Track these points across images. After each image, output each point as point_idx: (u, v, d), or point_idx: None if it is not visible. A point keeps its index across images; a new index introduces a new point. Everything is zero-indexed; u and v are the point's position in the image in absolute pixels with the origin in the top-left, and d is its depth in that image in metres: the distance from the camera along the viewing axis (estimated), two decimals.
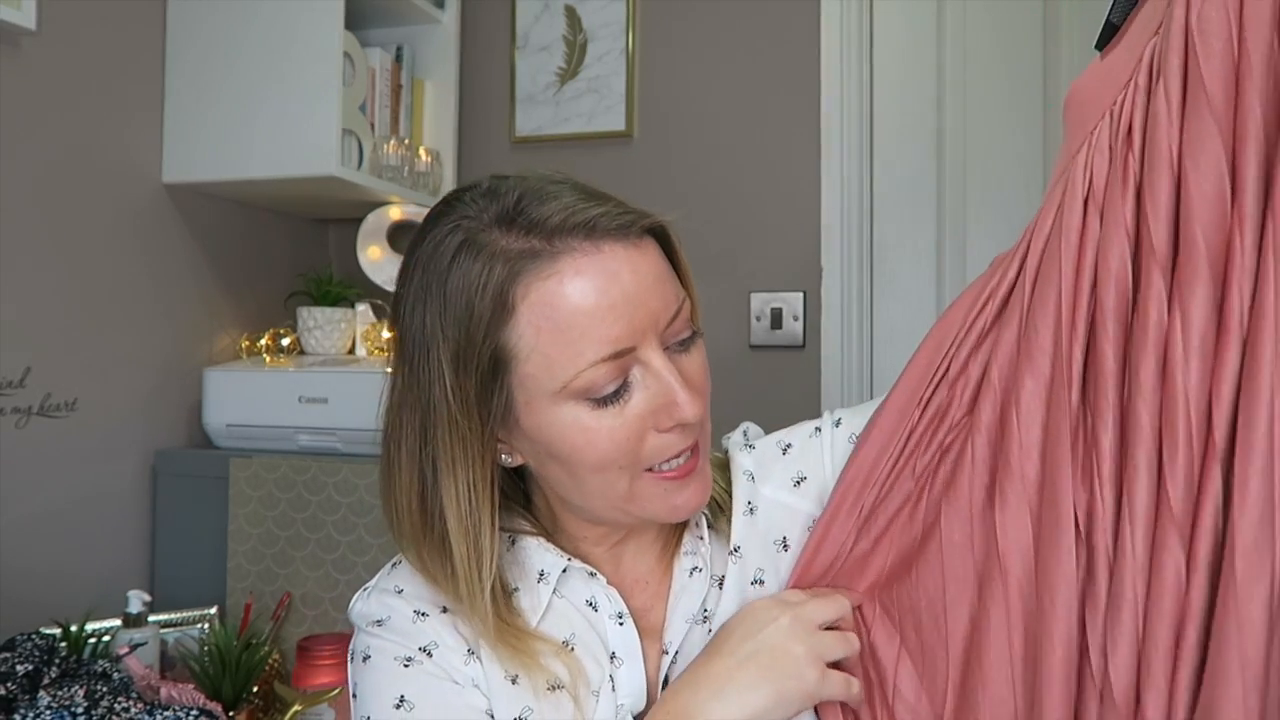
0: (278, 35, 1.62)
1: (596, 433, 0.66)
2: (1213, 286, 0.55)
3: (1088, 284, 0.61)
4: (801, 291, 1.85)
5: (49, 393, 1.46)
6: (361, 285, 1.91)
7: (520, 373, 0.66)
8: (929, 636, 0.67)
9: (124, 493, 1.60)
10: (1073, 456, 0.60)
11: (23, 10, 1.35)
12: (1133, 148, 0.60)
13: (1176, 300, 0.56)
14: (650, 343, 0.66)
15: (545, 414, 0.67)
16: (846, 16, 1.84)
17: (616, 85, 1.97)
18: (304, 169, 1.62)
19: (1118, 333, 0.59)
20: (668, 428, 0.67)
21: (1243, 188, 0.55)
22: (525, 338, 0.65)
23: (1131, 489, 0.56)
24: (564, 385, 0.65)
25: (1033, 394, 0.63)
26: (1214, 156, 0.55)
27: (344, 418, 1.58)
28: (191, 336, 1.73)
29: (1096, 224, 0.61)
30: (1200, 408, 0.54)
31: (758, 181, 1.89)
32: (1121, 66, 0.62)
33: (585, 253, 0.65)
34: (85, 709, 1.09)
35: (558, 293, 0.64)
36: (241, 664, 1.38)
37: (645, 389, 0.66)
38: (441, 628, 0.73)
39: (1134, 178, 0.59)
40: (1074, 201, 0.63)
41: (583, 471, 0.68)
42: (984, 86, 1.82)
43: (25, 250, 1.42)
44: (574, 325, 0.64)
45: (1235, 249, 0.54)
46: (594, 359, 0.64)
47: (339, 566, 1.51)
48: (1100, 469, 0.58)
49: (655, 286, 0.67)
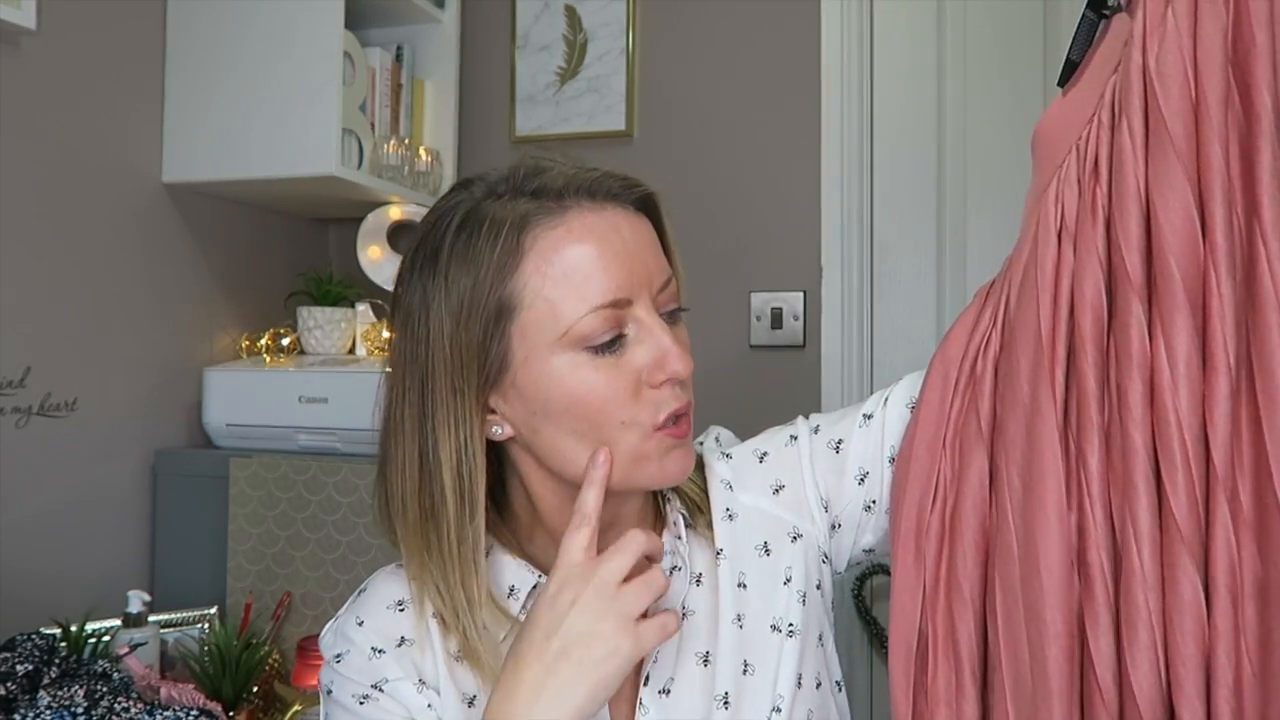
0: (278, 35, 1.62)
1: (595, 382, 0.68)
2: (1192, 316, 0.58)
3: (1065, 311, 0.63)
4: (801, 291, 1.85)
5: (49, 393, 1.46)
6: (361, 285, 1.91)
7: (523, 320, 0.68)
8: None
9: (124, 493, 1.60)
10: (1065, 476, 0.61)
11: (23, 10, 1.35)
12: (1099, 181, 0.63)
13: (1158, 328, 0.58)
14: (644, 300, 0.70)
15: (545, 365, 0.68)
16: (846, 16, 1.84)
17: (616, 85, 1.96)
18: (304, 169, 1.61)
19: (1097, 357, 0.61)
20: (660, 382, 0.69)
21: (1212, 224, 0.57)
22: (531, 284, 0.68)
23: (1133, 509, 0.58)
24: (565, 331, 0.67)
25: (1016, 424, 0.65)
26: (1181, 193, 0.58)
27: (344, 418, 1.58)
28: (191, 336, 1.73)
29: (1071, 254, 0.63)
30: (1195, 432, 0.56)
31: (758, 181, 1.89)
32: (1084, 103, 0.65)
33: (590, 209, 0.70)
34: (85, 709, 1.09)
35: (565, 239, 0.68)
36: (241, 664, 1.38)
37: (639, 343, 0.69)
38: (394, 663, 0.74)
39: (1103, 210, 0.62)
40: (1047, 234, 0.65)
41: (581, 426, 0.69)
42: (984, 86, 1.82)
43: (25, 250, 1.42)
44: (578, 270, 0.67)
45: (1211, 281, 0.57)
46: (596, 304, 0.67)
47: (339, 566, 1.51)
48: (1090, 489, 0.60)
49: (651, 249, 0.72)
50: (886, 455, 0.77)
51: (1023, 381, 0.64)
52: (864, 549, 0.81)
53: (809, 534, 0.79)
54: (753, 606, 0.76)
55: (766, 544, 0.78)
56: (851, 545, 0.80)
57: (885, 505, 0.78)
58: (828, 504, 0.79)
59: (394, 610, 0.76)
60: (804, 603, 0.77)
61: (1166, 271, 0.58)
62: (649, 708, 0.73)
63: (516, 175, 0.72)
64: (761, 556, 0.77)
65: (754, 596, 0.76)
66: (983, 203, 1.82)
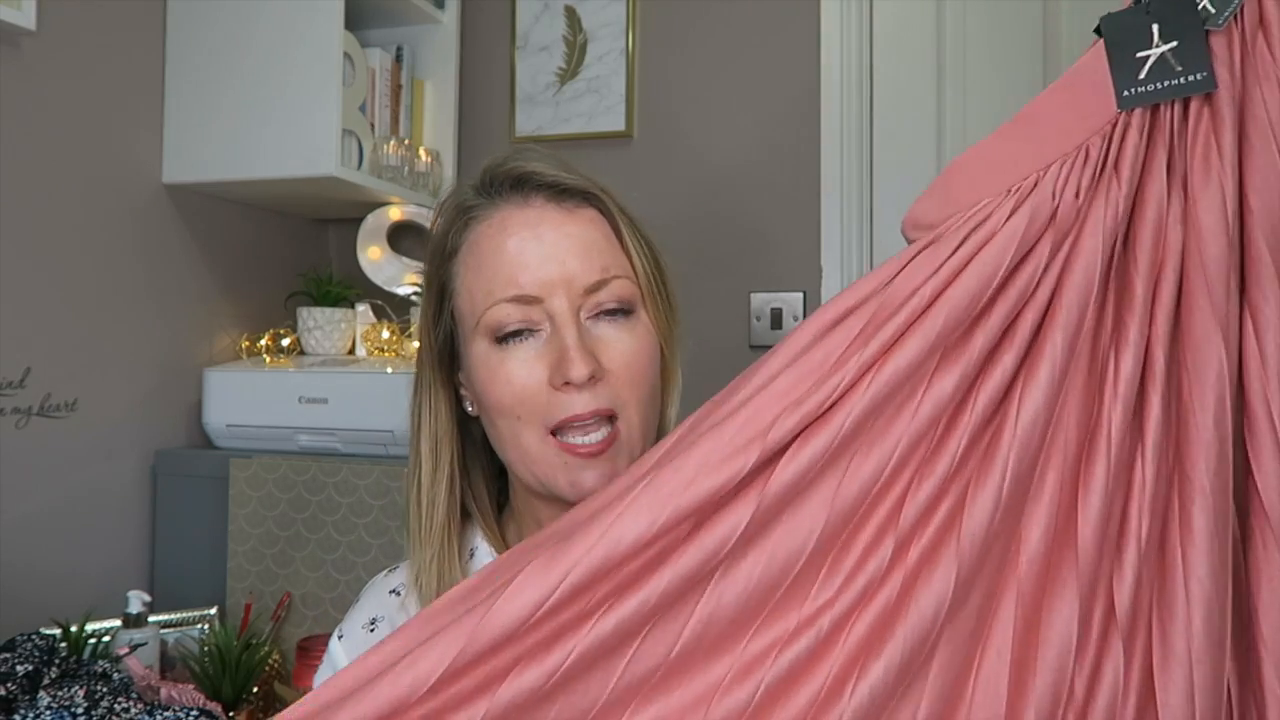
0: (278, 35, 1.62)
1: (496, 371, 0.71)
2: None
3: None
4: (801, 291, 1.85)
5: (49, 393, 1.46)
6: (361, 285, 1.90)
7: (453, 306, 0.74)
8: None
9: (124, 493, 1.60)
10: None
11: (23, 10, 1.35)
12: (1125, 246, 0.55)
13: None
14: (559, 299, 0.70)
15: (469, 351, 0.73)
16: (846, 16, 1.84)
17: (616, 85, 1.96)
18: (304, 169, 1.61)
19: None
20: (558, 385, 0.69)
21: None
22: (458, 275, 0.74)
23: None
24: (478, 321, 0.71)
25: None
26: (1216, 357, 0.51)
27: (344, 418, 1.58)
28: (191, 336, 1.73)
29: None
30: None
31: (758, 181, 1.89)
32: (1028, 157, 0.56)
33: (515, 205, 0.72)
34: (85, 709, 1.09)
35: (485, 235, 0.72)
36: (241, 664, 1.38)
37: (545, 342, 0.71)
38: None
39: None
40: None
41: (492, 414, 0.72)
42: (984, 86, 1.82)
43: (25, 250, 1.42)
44: (489, 265, 0.71)
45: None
46: (500, 298, 0.70)
47: (339, 567, 1.51)
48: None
49: (578, 249, 0.71)
50: None
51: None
52: None
53: None
54: None
55: None
56: None
57: None
58: None
59: (366, 630, 0.79)
60: None
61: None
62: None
63: (486, 169, 0.76)
64: None
65: None
66: None
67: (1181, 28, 0.54)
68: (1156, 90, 0.54)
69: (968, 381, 0.52)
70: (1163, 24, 0.55)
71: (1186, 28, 0.54)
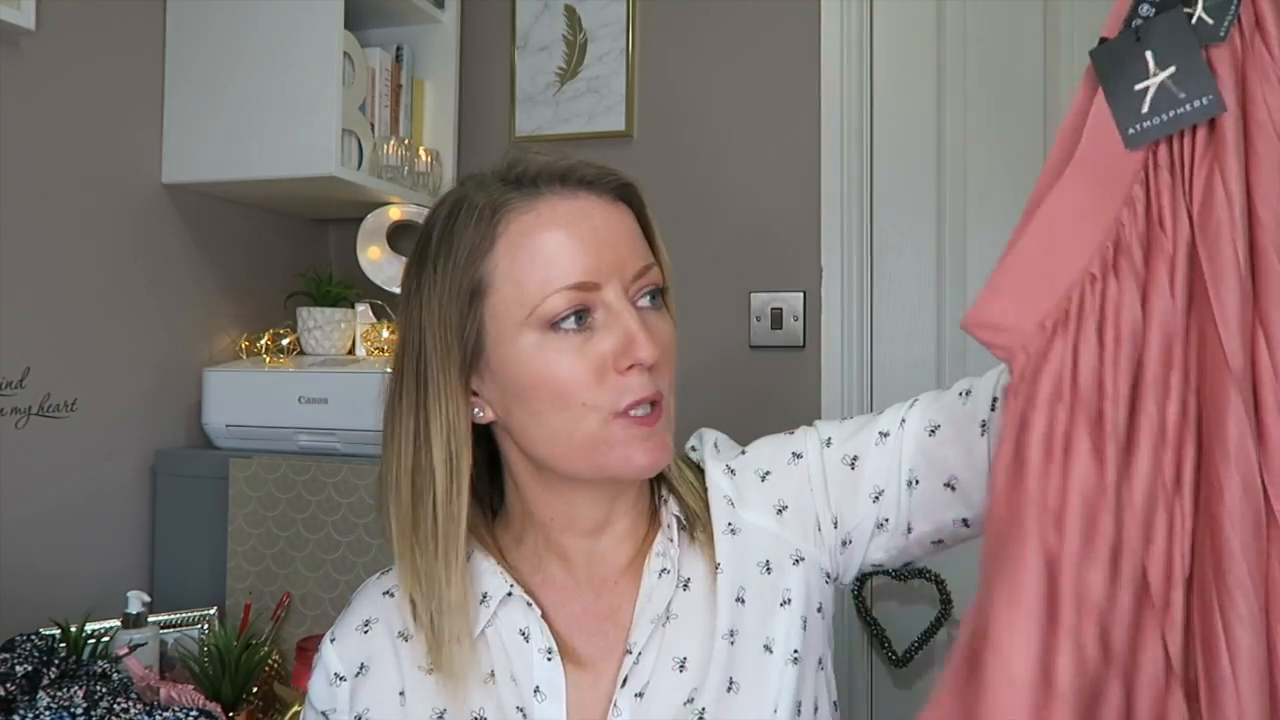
0: (278, 35, 1.62)
1: (558, 363, 0.70)
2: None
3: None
4: (801, 291, 1.85)
5: (49, 393, 1.46)
6: (361, 285, 1.90)
7: (493, 301, 0.71)
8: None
9: (124, 493, 1.60)
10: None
11: (22, 10, 1.35)
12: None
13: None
14: (614, 285, 0.71)
15: (512, 345, 0.71)
16: (846, 17, 1.84)
17: (616, 85, 1.96)
18: (304, 169, 1.61)
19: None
20: (625, 368, 0.70)
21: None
22: (500, 266, 0.71)
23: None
24: (530, 311, 0.70)
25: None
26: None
27: (344, 418, 1.58)
28: (191, 336, 1.73)
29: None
30: None
31: (758, 181, 1.89)
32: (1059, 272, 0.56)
33: (562, 195, 0.72)
34: (85, 710, 1.09)
35: (533, 224, 0.71)
36: (241, 665, 1.38)
37: (606, 328, 0.70)
38: (347, 696, 0.78)
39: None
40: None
41: (546, 408, 0.71)
42: (984, 86, 1.82)
43: (25, 250, 1.42)
44: (543, 253, 0.70)
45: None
46: (559, 286, 0.69)
47: (339, 567, 1.51)
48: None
49: (625, 237, 0.73)
50: (904, 478, 0.76)
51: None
52: (873, 563, 0.80)
53: (811, 557, 0.78)
54: (748, 625, 0.75)
55: (768, 562, 0.77)
56: (861, 560, 0.79)
57: (899, 525, 0.76)
58: (838, 520, 0.78)
59: (360, 630, 0.79)
60: (805, 627, 0.76)
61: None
62: (622, 710, 0.73)
63: (501, 165, 0.75)
64: (763, 574, 0.77)
65: (750, 614, 0.75)
66: (983, 203, 1.82)
67: (1176, 50, 0.51)
68: (1163, 123, 0.52)
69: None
70: (1156, 50, 0.52)
71: (1181, 49, 0.51)
